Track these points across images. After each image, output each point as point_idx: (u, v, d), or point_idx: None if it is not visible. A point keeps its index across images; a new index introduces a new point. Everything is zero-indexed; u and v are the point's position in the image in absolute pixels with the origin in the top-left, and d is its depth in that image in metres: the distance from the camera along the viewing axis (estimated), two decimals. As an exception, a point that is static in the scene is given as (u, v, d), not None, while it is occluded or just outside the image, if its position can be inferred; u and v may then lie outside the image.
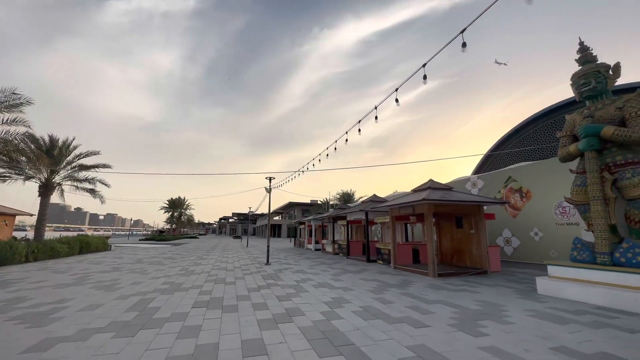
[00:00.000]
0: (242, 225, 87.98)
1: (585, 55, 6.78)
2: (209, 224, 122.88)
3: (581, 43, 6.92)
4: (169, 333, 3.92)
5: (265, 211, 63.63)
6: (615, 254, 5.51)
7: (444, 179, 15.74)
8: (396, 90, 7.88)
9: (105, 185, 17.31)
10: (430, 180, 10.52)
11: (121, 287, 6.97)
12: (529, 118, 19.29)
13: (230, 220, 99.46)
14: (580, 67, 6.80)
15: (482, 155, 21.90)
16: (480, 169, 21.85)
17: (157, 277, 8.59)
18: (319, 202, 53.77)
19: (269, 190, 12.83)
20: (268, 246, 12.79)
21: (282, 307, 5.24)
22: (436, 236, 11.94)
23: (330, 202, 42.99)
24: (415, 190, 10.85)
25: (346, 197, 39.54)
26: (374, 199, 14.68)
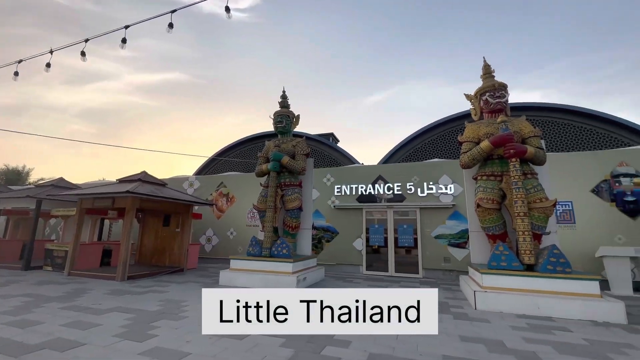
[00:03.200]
0: None
1: (283, 102, 9.13)
2: None
3: (284, 91, 9.26)
4: None
5: None
6: (272, 249, 7.54)
7: (170, 174, 14.92)
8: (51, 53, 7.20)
9: None
10: (143, 172, 9.48)
11: None
12: (248, 136, 23.12)
13: None
14: (280, 108, 9.06)
15: (207, 159, 23.28)
16: (202, 171, 23.01)
17: None
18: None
19: None
20: None
21: None
22: (140, 234, 10.82)
23: (-22, 180, 27.39)
24: (121, 181, 9.28)
25: (13, 176, 26.89)
26: (59, 184, 10.96)
